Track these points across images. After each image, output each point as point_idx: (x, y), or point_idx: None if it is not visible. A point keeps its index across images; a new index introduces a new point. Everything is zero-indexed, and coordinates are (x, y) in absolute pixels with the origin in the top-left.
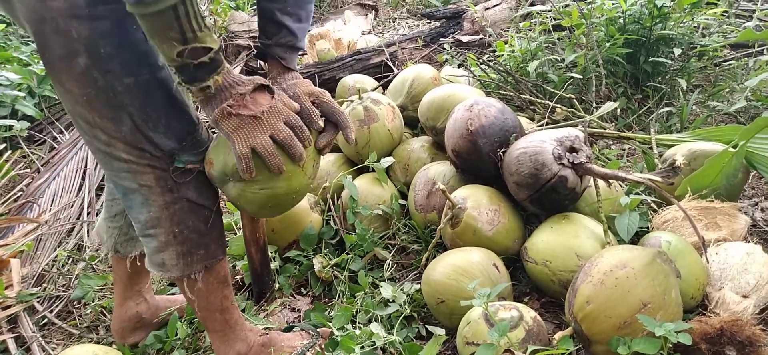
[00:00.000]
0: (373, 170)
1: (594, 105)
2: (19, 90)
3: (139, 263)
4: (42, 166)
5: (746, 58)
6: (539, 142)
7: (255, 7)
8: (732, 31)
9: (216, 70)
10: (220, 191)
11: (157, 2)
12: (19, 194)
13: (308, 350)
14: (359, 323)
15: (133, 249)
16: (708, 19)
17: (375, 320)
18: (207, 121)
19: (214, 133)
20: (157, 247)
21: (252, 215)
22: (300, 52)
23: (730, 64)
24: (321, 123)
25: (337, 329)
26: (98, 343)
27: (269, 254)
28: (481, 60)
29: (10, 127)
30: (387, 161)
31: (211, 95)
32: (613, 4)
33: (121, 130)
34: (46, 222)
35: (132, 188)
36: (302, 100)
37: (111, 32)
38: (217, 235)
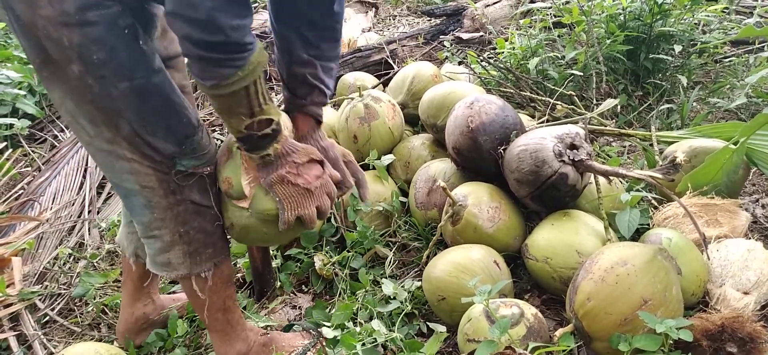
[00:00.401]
0: (374, 168)
1: (594, 102)
2: (20, 88)
3: None
4: (43, 164)
5: (747, 55)
6: (540, 140)
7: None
8: (732, 28)
9: (276, 139)
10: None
11: (233, 84)
12: (21, 192)
13: (309, 350)
14: (360, 320)
15: None
16: (708, 16)
17: (376, 318)
18: (217, 133)
19: (217, 139)
20: (161, 247)
21: (243, 241)
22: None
23: (730, 61)
24: (352, 183)
25: (336, 327)
26: (100, 341)
27: (271, 251)
28: (481, 57)
29: (11, 126)
30: (388, 159)
31: (269, 162)
32: (613, 0)
33: (120, 135)
34: (47, 220)
35: (134, 189)
36: (339, 164)
37: (102, 38)
38: (223, 234)
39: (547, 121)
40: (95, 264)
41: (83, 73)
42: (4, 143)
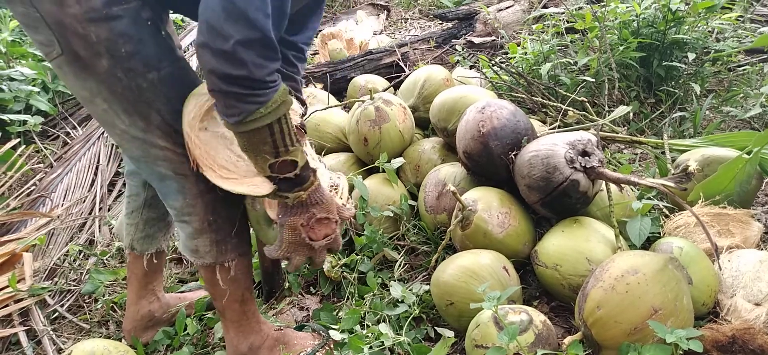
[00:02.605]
0: (384, 171)
1: (606, 109)
2: (34, 85)
3: (155, 261)
4: (55, 161)
5: (761, 64)
6: (551, 146)
7: None
8: (747, 36)
9: (302, 185)
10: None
11: (255, 121)
12: (32, 188)
13: (318, 351)
14: (368, 323)
15: (150, 246)
16: (723, 24)
17: (384, 321)
18: None
19: None
20: (191, 233)
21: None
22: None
23: (744, 70)
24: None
25: (343, 331)
26: (108, 338)
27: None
28: (493, 62)
29: (24, 122)
30: (397, 162)
31: (288, 205)
32: (627, 7)
33: (153, 124)
34: (58, 217)
35: (168, 175)
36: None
37: (128, 31)
38: (247, 226)
39: (559, 127)
40: (105, 261)
41: (112, 67)
42: (18, 140)
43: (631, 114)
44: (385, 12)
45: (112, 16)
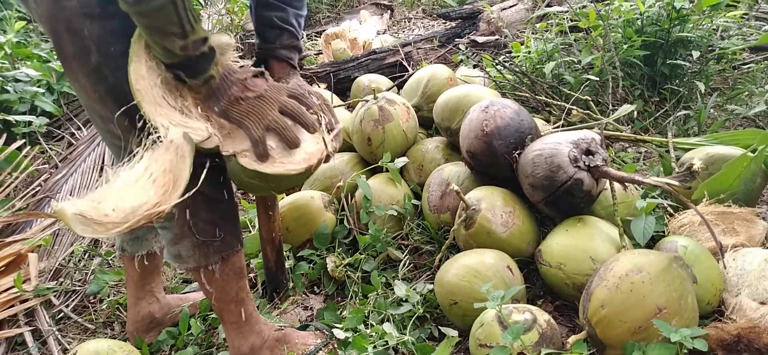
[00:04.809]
0: (387, 170)
1: (610, 107)
2: (39, 86)
3: (146, 263)
4: (60, 161)
5: (766, 62)
6: (555, 145)
7: None
8: (752, 34)
9: (213, 59)
10: (235, 185)
11: None
12: (38, 189)
13: (320, 350)
14: (372, 322)
15: (140, 248)
16: (727, 22)
17: (387, 320)
18: None
19: None
20: (172, 239)
21: (246, 190)
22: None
23: (749, 68)
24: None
25: (346, 330)
26: (113, 338)
27: (284, 252)
28: (496, 61)
29: (29, 123)
30: (401, 161)
31: (215, 87)
32: (630, 5)
33: (134, 127)
34: None
35: None
36: (307, 98)
37: (121, 31)
38: (233, 227)
39: (563, 126)
40: (110, 262)
41: (101, 64)
42: (23, 140)
43: (635, 112)
44: (389, 11)
45: (107, 14)
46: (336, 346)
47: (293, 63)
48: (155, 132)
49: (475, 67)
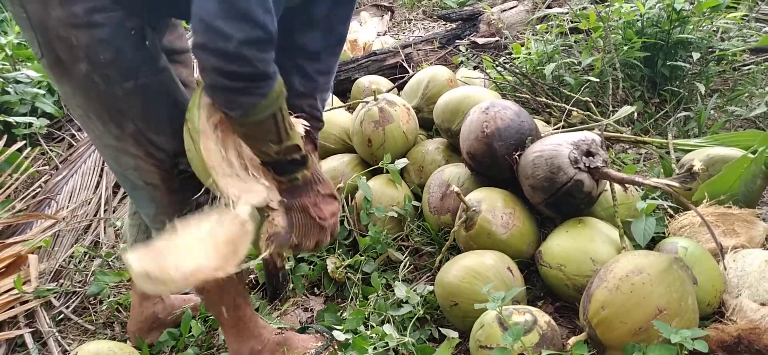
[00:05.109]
0: (387, 172)
1: (611, 109)
2: (39, 88)
3: None
4: (60, 163)
5: (766, 63)
6: (555, 146)
7: None
8: (752, 36)
9: (305, 164)
10: None
11: (259, 113)
12: (38, 190)
13: (321, 353)
14: (372, 324)
15: None
16: (727, 23)
17: (388, 322)
18: None
19: None
20: None
21: None
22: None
23: (749, 69)
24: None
25: (347, 332)
26: (113, 339)
27: (284, 253)
28: (497, 62)
29: (30, 125)
30: (401, 163)
31: (297, 186)
32: (631, 7)
33: (126, 133)
34: (63, 219)
35: (138, 184)
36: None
37: (109, 39)
38: None
39: (563, 127)
40: (110, 263)
41: (90, 72)
42: (23, 142)
43: (636, 114)
44: (389, 13)
45: (93, 23)
46: (336, 348)
47: (317, 144)
48: (224, 199)
49: (475, 68)
